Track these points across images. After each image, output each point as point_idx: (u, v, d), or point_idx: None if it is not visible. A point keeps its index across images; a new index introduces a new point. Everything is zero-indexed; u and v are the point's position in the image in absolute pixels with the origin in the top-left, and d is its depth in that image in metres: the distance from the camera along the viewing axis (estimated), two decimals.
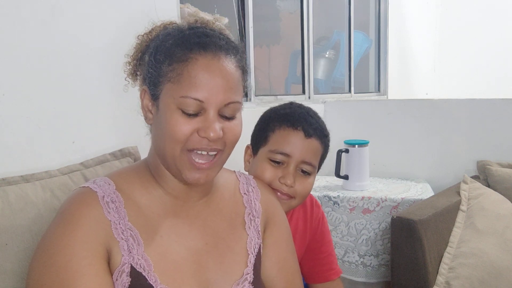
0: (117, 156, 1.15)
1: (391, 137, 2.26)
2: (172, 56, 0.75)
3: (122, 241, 0.72)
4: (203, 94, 0.72)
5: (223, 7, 2.11)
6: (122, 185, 0.78)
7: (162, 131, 0.74)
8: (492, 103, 2.07)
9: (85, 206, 0.72)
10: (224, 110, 0.75)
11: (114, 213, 0.73)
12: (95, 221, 0.71)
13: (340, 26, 3.36)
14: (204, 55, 0.74)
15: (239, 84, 0.78)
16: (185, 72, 0.73)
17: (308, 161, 1.04)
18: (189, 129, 0.73)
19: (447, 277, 1.40)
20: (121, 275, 0.70)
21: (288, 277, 0.91)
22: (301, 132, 1.03)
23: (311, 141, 1.04)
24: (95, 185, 0.76)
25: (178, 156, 0.74)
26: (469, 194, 1.67)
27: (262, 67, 2.71)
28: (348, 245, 1.87)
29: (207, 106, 0.73)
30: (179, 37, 0.77)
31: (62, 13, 1.08)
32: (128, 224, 0.74)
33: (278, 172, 1.03)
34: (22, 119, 1.00)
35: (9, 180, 0.91)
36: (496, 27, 4.48)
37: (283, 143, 1.03)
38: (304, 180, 1.05)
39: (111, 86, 1.21)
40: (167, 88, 0.74)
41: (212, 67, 0.73)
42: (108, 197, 0.74)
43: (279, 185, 1.02)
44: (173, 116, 0.73)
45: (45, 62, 1.05)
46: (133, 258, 0.71)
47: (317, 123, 1.08)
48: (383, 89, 3.69)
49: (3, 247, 0.84)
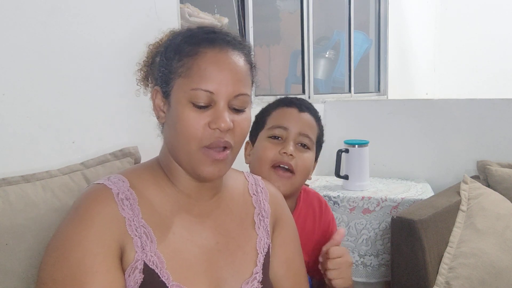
0: (117, 156, 1.15)
1: (391, 137, 2.26)
2: (182, 52, 0.77)
3: (136, 238, 0.72)
4: (213, 85, 0.74)
5: (223, 7, 2.11)
6: (136, 182, 0.78)
7: (175, 128, 0.76)
8: (492, 103, 2.07)
9: (100, 203, 0.73)
10: (233, 102, 0.76)
11: (129, 210, 0.74)
12: (109, 218, 0.72)
13: (340, 26, 3.36)
14: (212, 49, 0.76)
15: (248, 78, 0.80)
16: (195, 65, 0.75)
17: (305, 133, 1.09)
18: (201, 123, 0.74)
19: (447, 277, 1.40)
20: (134, 272, 0.71)
21: (295, 276, 0.92)
22: (295, 108, 1.12)
23: (305, 115, 1.12)
24: (110, 182, 0.76)
25: (193, 152, 0.75)
26: (469, 194, 1.67)
27: (262, 67, 2.71)
28: (348, 245, 1.87)
29: (217, 98, 0.75)
30: (188, 34, 0.80)
31: (62, 13, 1.08)
32: (141, 221, 0.74)
33: (278, 146, 1.08)
34: (22, 119, 1.00)
35: (9, 180, 0.91)
36: (496, 27, 4.48)
37: (279, 119, 1.11)
38: (303, 154, 1.09)
39: (111, 86, 1.21)
40: (178, 83, 0.76)
41: (220, 60, 0.76)
42: (122, 194, 0.75)
43: (281, 158, 1.06)
44: (185, 111, 0.75)
45: (46, 62, 1.05)
46: (146, 255, 0.72)
47: (310, 104, 1.16)
48: (383, 89, 3.68)
49: (3, 247, 0.84)
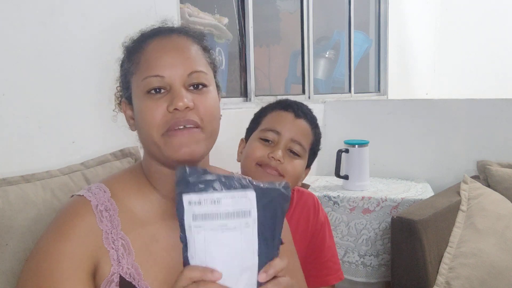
0: (117, 156, 1.15)
1: (391, 137, 2.26)
2: (130, 51, 0.79)
3: (112, 250, 0.72)
4: (161, 69, 0.74)
5: (223, 7, 2.11)
6: (117, 191, 0.77)
7: (139, 124, 0.76)
8: (492, 103, 2.07)
9: (77, 216, 0.73)
10: (189, 82, 0.75)
11: (107, 222, 0.73)
12: (85, 231, 0.71)
13: (340, 26, 3.36)
14: (156, 38, 0.77)
15: (199, 56, 0.78)
16: (142, 58, 0.76)
17: (297, 140, 1.06)
18: (159, 110, 0.73)
19: (447, 277, 1.40)
20: (110, 285, 0.70)
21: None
22: (291, 113, 1.09)
23: (301, 122, 1.09)
24: (90, 194, 0.75)
25: (158, 139, 0.73)
26: (469, 194, 1.67)
27: (262, 67, 2.71)
28: (348, 245, 1.87)
29: (170, 80, 0.74)
30: (136, 36, 0.82)
31: (62, 13, 1.08)
32: (120, 233, 0.73)
33: (267, 149, 1.05)
34: (22, 119, 1.00)
35: (9, 180, 0.91)
36: (496, 27, 4.48)
37: (274, 122, 1.08)
38: (293, 160, 1.06)
39: (111, 86, 1.21)
40: (133, 81, 0.77)
41: (165, 45, 0.76)
42: (102, 206, 0.74)
43: (268, 161, 1.03)
44: (142, 103, 0.74)
45: (45, 62, 1.05)
46: (122, 268, 0.71)
47: (308, 110, 1.13)
48: (383, 89, 3.68)
49: (3, 247, 0.84)
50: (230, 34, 2.05)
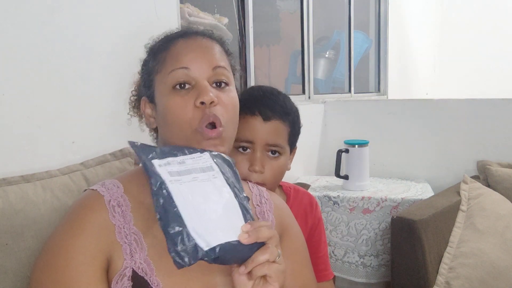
0: (117, 156, 1.15)
1: (391, 137, 2.26)
2: (155, 51, 0.82)
3: (125, 245, 0.72)
4: (187, 62, 0.77)
5: (223, 7, 2.11)
6: (131, 187, 0.78)
7: (166, 120, 0.78)
8: (492, 103, 2.07)
9: (90, 211, 0.73)
10: (213, 78, 0.79)
11: (120, 217, 0.74)
12: (98, 226, 0.72)
13: (340, 26, 3.36)
14: (182, 38, 0.82)
15: (222, 55, 0.83)
16: (168, 56, 0.80)
17: (272, 143, 1.04)
18: (188, 105, 0.76)
19: (447, 277, 1.40)
20: (122, 279, 0.70)
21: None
22: (259, 116, 1.04)
23: (271, 124, 1.04)
24: (103, 188, 0.76)
25: (189, 136, 0.76)
26: (469, 194, 1.67)
27: (262, 67, 2.71)
28: (348, 245, 1.87)
29: (195, 75, 0.77)
30: (161, 37, 0.86)
31: (62, 13, 1.08)
32: (133, 228, 0.74)
33: (246, 159, 1.03)
34: (22, 119, 1.00)
35: (9, 180, 0.91)
36: (496, 27, 4.48)
37: (244, 130, 1.02)
38: (274, 162, 1.04)
39: (111, 86, 1.21)
40: (157, 79, 0.80)
41: (191, 43, 0.81)
42: (114, 201, 0.75)
43: (251, 176, 1.02)
44: (169, 99, 0.77)
45: (45, 62, 1.05)
46: (135, 262, 0.71)
47: (276, 103, 1.06)
48: (383, 89, 3.68)
49: (3, 247, 0.84)
50: (230, 34, 2.05)
